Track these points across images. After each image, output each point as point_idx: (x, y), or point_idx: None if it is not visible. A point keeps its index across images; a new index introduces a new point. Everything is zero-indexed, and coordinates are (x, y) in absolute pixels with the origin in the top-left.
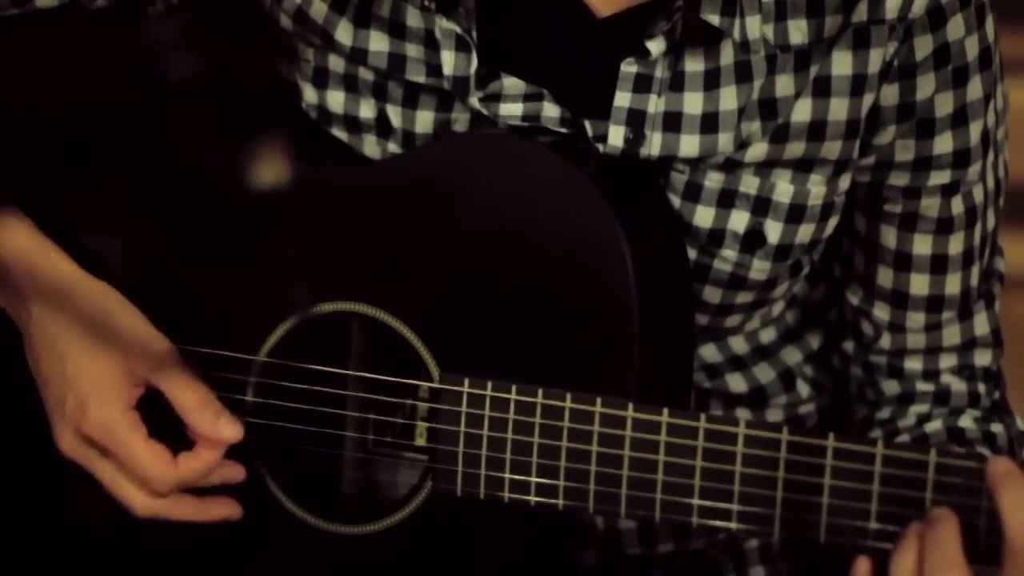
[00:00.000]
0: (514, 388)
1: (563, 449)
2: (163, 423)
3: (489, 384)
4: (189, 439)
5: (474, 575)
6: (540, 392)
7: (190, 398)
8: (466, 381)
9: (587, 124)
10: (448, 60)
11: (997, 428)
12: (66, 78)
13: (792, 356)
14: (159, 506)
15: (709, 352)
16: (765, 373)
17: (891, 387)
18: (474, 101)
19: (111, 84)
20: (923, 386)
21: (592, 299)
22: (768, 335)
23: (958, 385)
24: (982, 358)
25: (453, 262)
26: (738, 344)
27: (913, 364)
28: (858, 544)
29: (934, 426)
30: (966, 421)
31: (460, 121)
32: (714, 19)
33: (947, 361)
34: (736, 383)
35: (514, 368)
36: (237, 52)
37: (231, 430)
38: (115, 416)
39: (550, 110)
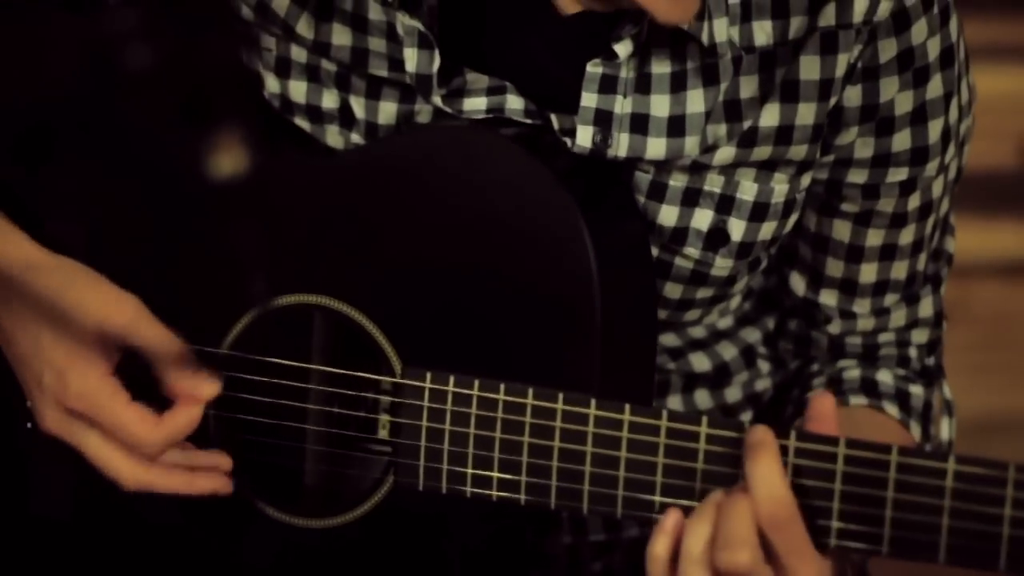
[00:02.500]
0: (476, 383)
1: (525, 445)
2: (142, 392)
3: (451, 379)
4: (169, 403)
5: (437, 567)
6: (502, 388)
7: (165, 352)
8: (428, 376)
9: (553, 117)
10: (411, 57)
11: (915, 389)
12: (27, 65)
13: (751, 335)
14: (148, 476)
15: (669, 339)
16: (728, 350)
17: (826, 356)
18: (437, 100)
19: (74, 71)
20: (856, 350)
21: (555, 292)
22: (725, 322)
23: (889, 349)
24: (919, 336)
25: (416, 255)
26: (697, 331)
27: (855, 340)
28: None
29: (851, 374)
30: (884, 375)
31: (423, 113)
32: (683, 23)
33: (886, 337)
34: (700, 362)
35: (478, 362)
36: (198, 41)
37: (209, 385)
38: (94, 384)
39: (514, 102)
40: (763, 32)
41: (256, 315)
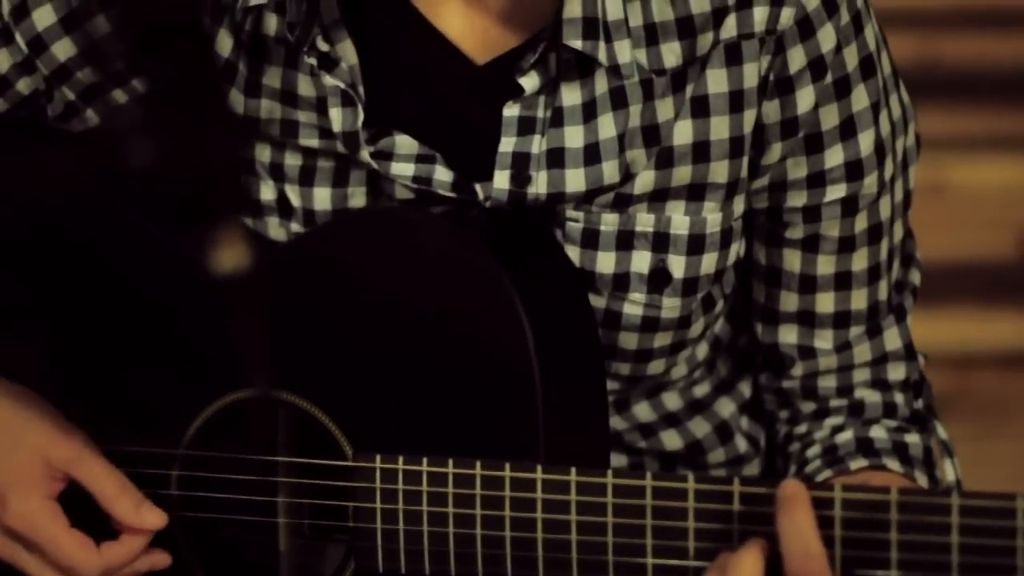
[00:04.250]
0: (425, 460)
1: (477, 517)
2: (87, 516)
3: (400, 458)
4: (114, 529)
5: None
6: (451, 462)
7: (108, 488)
8: (378, 457)
9: (478, 188)
10: (336, 117)
11: (912, 439)
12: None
13: (726, 407)
14: None
15: (643, 411)
16: (700, 427)
17: (807, 406)
18: (365, 155)
19: (26, 186)
20: (837, 402)
21: (493, 364)
22: (702, 389)
23: (872, 397)
24: (895, 372)
25: (358, 340)
26: (672, 400)
27: (827, 383)
28: None
29: (844, 437)
30: (878, 431)
31: (356, 195)
32: (576, 43)
33: (860, 376)
34: (671, 440)
35: (427, 442)
36: (152, 147)
37: (153, 517)
38: (34, 506)
39: (441, 174)
40: (672, 53)
41: (210, 413)
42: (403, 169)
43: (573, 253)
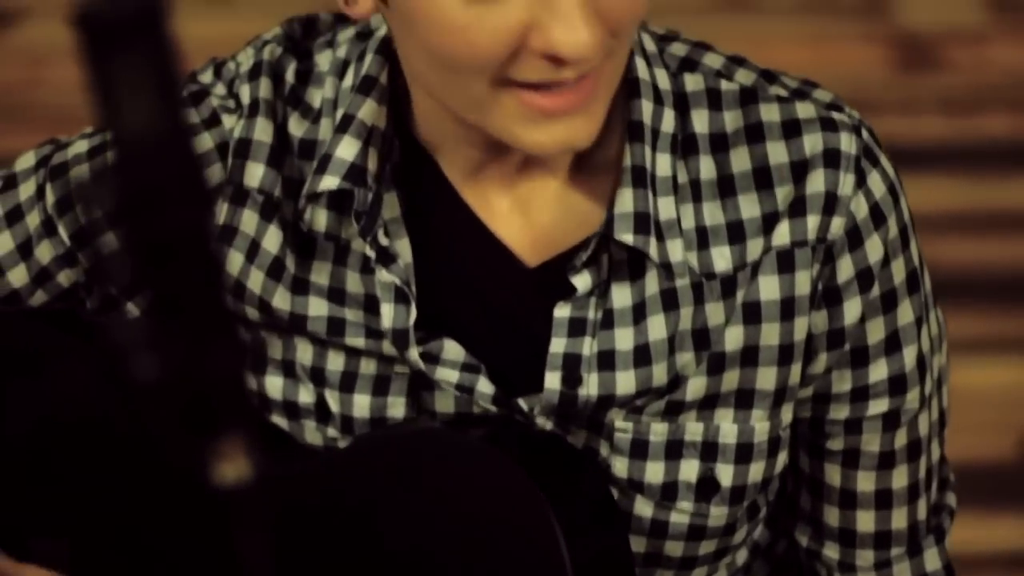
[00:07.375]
0: None
1: None
2: None
3: None
4: None
5: None
6: None
7: None
8: None
9: (521, 402)
10: (387, 313)
11: None
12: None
13: None
14: None
15: None
16: None
17: None
18: (414, 354)
19: (53, 383)
20: None
21: None
22: None
23: None
24: None
25: (390, 558)
26: None
27: None
28: None
29: None
30: None
31: (396, 405)
32: (627, 238)
33: None
34: None
35: None
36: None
37: None
38: None
39: (484, 386)
40: (722, 258)
41: None
42: (448, 375)
43: (621, 464)
